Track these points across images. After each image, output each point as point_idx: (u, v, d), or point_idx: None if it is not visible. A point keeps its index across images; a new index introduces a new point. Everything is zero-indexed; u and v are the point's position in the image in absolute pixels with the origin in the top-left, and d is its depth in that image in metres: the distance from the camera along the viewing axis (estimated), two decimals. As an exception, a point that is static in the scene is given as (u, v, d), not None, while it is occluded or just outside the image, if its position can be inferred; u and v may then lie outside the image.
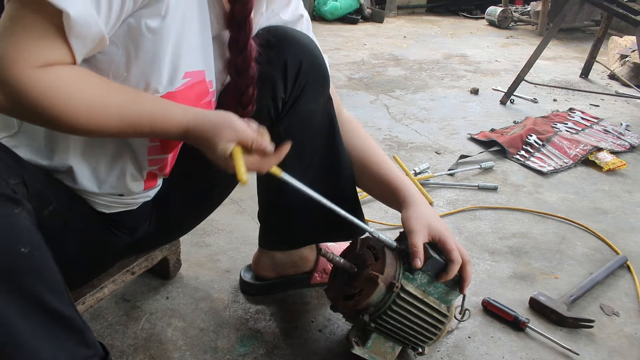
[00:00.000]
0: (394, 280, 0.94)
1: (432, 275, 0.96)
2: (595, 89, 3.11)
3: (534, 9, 4.94)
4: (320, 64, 1.01)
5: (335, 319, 1.19)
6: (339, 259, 0.99)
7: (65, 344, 0.67)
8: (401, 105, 2.68)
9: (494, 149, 2.14)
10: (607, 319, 1.25)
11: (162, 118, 0.76)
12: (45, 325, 0.64)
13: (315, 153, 1.07)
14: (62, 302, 0.66)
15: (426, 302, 0.97)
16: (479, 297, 1.27)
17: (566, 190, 1.87)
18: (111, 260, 1.06)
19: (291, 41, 0.97)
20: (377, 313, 0.95)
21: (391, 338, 1.01)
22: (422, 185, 1.80)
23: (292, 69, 0.96)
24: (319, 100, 1.03)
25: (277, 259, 1.22)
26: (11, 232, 0.59)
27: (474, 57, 3.75)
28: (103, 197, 0.90)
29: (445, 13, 5.60)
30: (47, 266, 0.64)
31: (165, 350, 1.08)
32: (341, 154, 1.09)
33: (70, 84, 0.68)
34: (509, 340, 1.16)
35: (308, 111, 1.02)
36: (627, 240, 1.57)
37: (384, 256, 0.96)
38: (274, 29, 0.97)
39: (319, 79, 1.01)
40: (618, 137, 2.34)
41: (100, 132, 0.73)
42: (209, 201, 1.14)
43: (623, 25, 3.93)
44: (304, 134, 1.03)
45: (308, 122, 1.03)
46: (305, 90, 0.99)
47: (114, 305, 1.19)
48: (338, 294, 1.01)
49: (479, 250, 1.49)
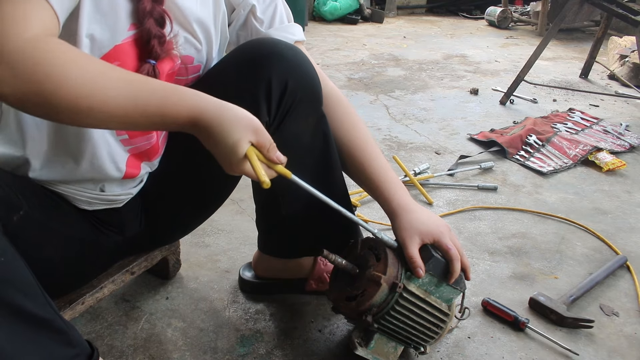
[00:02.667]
0: (396, 280, 0.94)
1: (434, 274, 0.96)
2: (595, 89, 3.11)
3: (533, 9, 4.94)
4: (309, 82, 0.95)
5: (335, 320, 1.19)
6: (340, 260, 0.99)
7: (48, 346, 0.67)
8: (401, 105, 2.68)
9: (494, 149, 2.14)
10: (606, 319, 1.25)
11: (174, 97, 0.70)
12: (23, 330, 0.63)
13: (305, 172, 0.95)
14: (38, 304, 0.65)
15: (428, 302, 0.97)
16: (478, 297, 1.27)
17: (566, 191, 1.87)
18: (106, 261, 1.05)
19: (277, 58, 0.91)
20: (380, 314, 0.95)
21: (394, 338, 1.01)
22: (421, 185, 1.80)
23: (277, 90, 0.91)
24: (308, 120, 0.98)
25: (273, 264, 1.22)
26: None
27: (473, 58, 3.75)
28: (82, 192, 0.88)
29: (444, 13, 5.60)
30: (16, 271, 0.63)
31: (165, 350, 1.08)
32: (334, 172, 1.06)
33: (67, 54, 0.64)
34: (509, 340, 1.16)
35: (295, 133, 0.97)
36: (626, 241, 1.57)
37: (385, 256, 0.96)
38: (260, 42, 0.93)
39: (309, 97, 0.96)
40: (618, 138, 2.34)
41: (104, 113, 0.66)
42: (206, 200, 1.11)
43: (623, 26, 3.93)
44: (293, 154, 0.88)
45: (297, 141, 0.98)
46: (291, 111, 0.94)
47: (114, 305, 1.19)
48: (340, 296, 1.01)
49: (479, 250, 1.49)
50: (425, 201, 1.74)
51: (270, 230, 1.18)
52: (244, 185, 1.14)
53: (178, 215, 1.10)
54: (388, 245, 0.98)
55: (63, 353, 0.69)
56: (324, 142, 1.02)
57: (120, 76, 0.68)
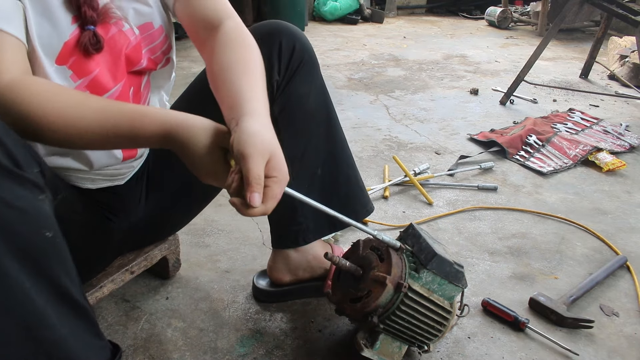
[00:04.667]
0: (401, 280, 0.95)
1: (437, 272, 0.97)
2: (595, 89, 3.11)
3: (533, 10, 4.94)
4: (310, 48, 1.07)
5: (335, 320, 1.19)
6: (344, 262, 0.99)
7: (84, 333, 0.67)
8: (401, 105, 2.68)
9: (494, 149, 2.14)
10: (606, 320, 1.25)
11: (145, 119, 0.74)
12: (66, 311, 0.64)
13: (311, 139, 1.09)
14: (78, 291, 0.66)
15: (432, 300, 0.98)
16: (478, 297, 1.27)
17: (566, 191, 1.87)
18: (111, 253, 1.06)
19: (286, 27, 1.04)
20: (385, 314, 0.96)
21: (398, 338, 1.02)
22: (422, 185, 1.80)
23: (286, 51, 1.02)
24: (311, 83, 1.07)
25: (292, 259, 1.20)
26: (39, 216, 0.60)
27: (473, 58, 3.75)
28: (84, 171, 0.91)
29: (444, 13, 5.61)
30: (66, 254, 0.65)
31: (165, 350, 1.08)
32: (339, 144, 1.13)
33: (42, 92, 0.71)
34: (509, 340, 1.16)
35: (301, 93, 1.06)
36: (626, 241, 1.57)
37: (389, 257, 0.97)
38: (274, 21, 1.05)
39: (312, 61, 1.07)
40: (618, 138, 2.34)
41: (80, 137, 0.73)
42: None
43: (623, 26, 3.94)
44: (298, 117, 1.07)
45: (301, 104, 1.06)
46: (297, 72, 1.04)
47: (114, 305, 1.19)
48: (344, 297, 1.01)
49: (479, 250, 1.49)
50: (425, 201, 1.74)
51: (283, 216, 1.15)
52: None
53: (179, 197, 1.11)
54: (390, 245, 0.99)
55: (96, 343, 0.70)
56: (326, 114, 1.11)
57: (93, 105, 0.74)
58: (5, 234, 0.55)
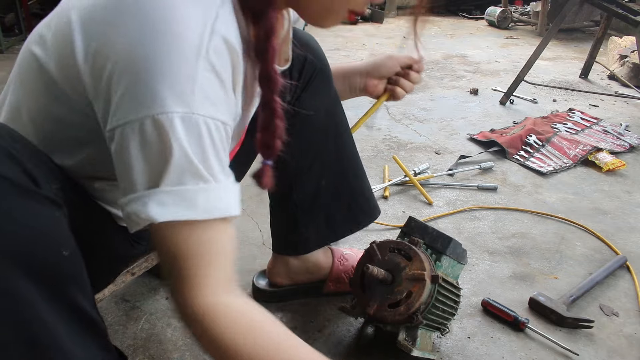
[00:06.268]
0: (434, 272, 0.98)
1: (453, 256, 1.03)
2: (595, 89, 3.11)
3: (533, 10, 4.94)
4: (323, 59, 1.04)
5: (335, 320, 1.19)
6: (380, 271, 0.98)
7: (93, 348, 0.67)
8: (401, 105, 2.68)
9: (494, 149, 2.14)
10: (606, 319, 1.25)
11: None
12: (78, 329, 0.63)
13: (320, 153, 1.08)
14: (91, 306, 0.66)
15: (452, 283, 1.03)
16: (478, 297, 1.27)
17: (566, 191, 1.87)
18: (125, 267, 1.06)
19: (299, 33, 1.01)
20: (426, 309, 0.98)
21: (432, 328, 1.04)
22: (421, 185, 1.80)
23: (297, 64, 0.99)
24: (323, 96, 1.05)
25: (291, 265, 1.20)
26: (57, 234, 0.59)
27: (473, 58, 3.75)
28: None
29: (444, 13, 5.60)
30: (81, 269, 0.64)
31: (165, 350, 1.08)
32: (347, 155, 1.12)
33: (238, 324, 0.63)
34: (509, 340, 1.16)
35: (312, 108, 1.03)
36: (626, 241, 1.57)
37: (416, 253, 0.99)
38: None
39: (324, 72, 1.04)
40: (618, 138, 2.34)
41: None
42: None
43: (622, 26, 3.94)
44: (307, 132, 1.05)
45: (311, 120, 1.04)
46: (311, 80, 1.02)
47: (114, 305, 1.19)
48: (381, 306, 0.99)
49: (479, 250, 1.49)
50: (425, 201, 1.74)
51: (285, 224, 1.17)
52: (244, 186, 1.13)
53: None
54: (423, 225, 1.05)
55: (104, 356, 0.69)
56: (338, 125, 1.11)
57: (292, 352, 0.64)
58: (21, 256, 0.54)
